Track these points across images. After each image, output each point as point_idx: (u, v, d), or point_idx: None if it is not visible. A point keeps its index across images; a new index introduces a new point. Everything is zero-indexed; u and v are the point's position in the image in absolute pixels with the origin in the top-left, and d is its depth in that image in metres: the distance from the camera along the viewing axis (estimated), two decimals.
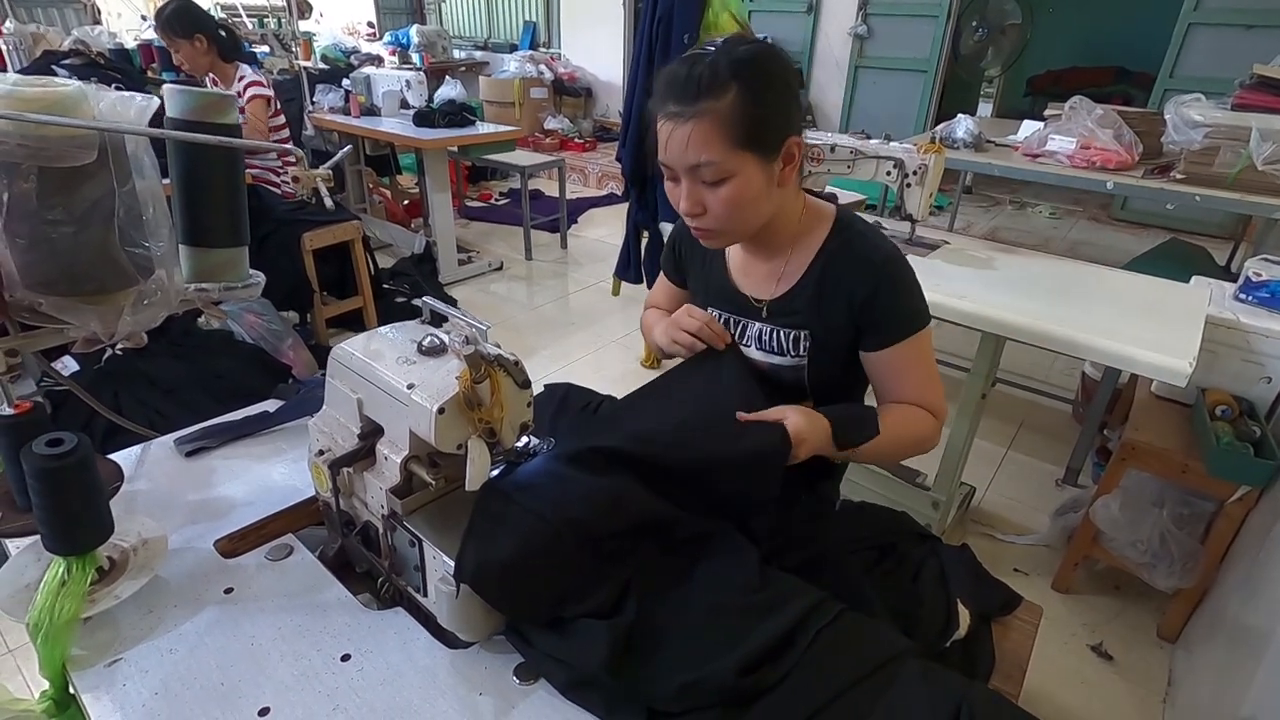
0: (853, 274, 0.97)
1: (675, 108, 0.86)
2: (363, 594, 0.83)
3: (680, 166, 0.89)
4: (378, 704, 0.66)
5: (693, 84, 0.84)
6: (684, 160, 0.87)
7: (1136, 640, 1.71)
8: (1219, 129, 2.34)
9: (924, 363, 1.01)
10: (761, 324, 1.05)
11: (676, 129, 0.86)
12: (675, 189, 0.93)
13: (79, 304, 0.82)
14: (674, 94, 0.86)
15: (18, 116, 0.70)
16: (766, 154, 0.88)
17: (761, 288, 1.05)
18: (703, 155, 0.85)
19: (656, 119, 0.90)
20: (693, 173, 0.88)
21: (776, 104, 0.87)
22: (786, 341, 1.03)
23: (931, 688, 0.66)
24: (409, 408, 0.71)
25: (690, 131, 0.85)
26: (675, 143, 0.87)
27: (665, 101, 0.87)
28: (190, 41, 2.69)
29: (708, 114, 0.84)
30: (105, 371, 2.06)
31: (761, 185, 0.90)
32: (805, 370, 1.03)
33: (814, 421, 0.89)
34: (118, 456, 1.01)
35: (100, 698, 0.66)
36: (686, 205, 0.91)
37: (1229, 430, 1.54)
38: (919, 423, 1.00)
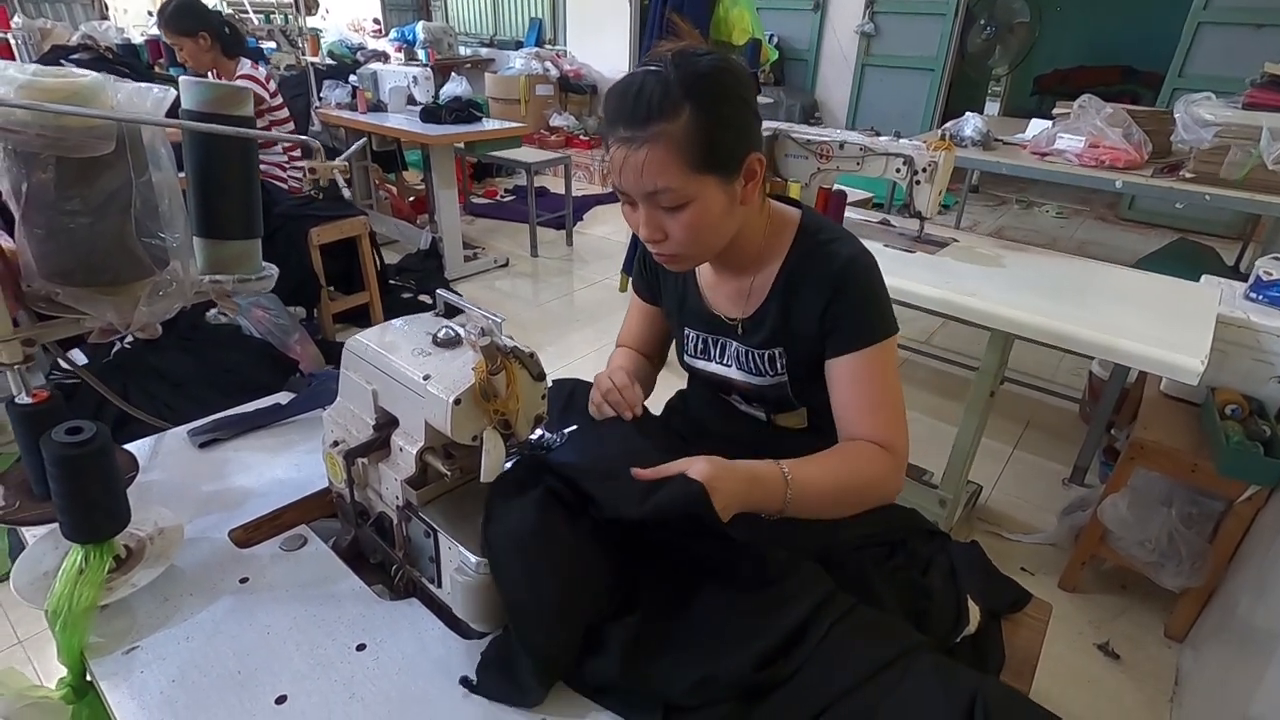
0: (814, 282, 0.92)
1: (626, 132, 0.79)
2: (376, 584, 0.83)
3: (636, 193, 0.83)
4: (393, 693, 0.67)
5: (643, 105, 0.77)
6: (639, 188, 0.81)
7: (1143, 639, 1.70)
8: (1229, 128, 2.33)
9: (883, 382, 0.90)
10: (738, 343, 1.01)
11: (630, 155, 0.79)
12: (633, 214, 0.87)
13: (95, 294, 0.82)
14: (623, 116, 0.79)
15: (37, 106, 0.70)
16: (727, 174, 0.83)
17: (732, 306, 1.01)
18: (659, 182, 0.79)
19: (606, 141, 0.83)
20: (650, 199, 0.83)
21: (734, 120, 0.81)
22: (763, 363, 0.99)
23: (946, 680, 0.66)
24: (424, 399, 0.71)
25: (644, 157, 0.78)
26: (629, 169, 0.80)
27: (615, 125, 0.80)
28: (194, 39, 2.70)
29: (661, 137, 0.77)
30: (113, 365, 2.07)
31: (723, 206, 0.84)
32: (787, 387, 1.00)
33: (730, 472, 0.75)
34: (132, 447, 1.01)
35: (118, 685, 0.66)
36: (646, 232, 0.86)
37: (1239, 429, 1.54)
38: (868, 463, 0.87)
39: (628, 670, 0.66)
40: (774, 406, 1.06)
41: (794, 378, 0.99)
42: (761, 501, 0.79)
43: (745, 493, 0.76)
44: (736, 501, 0.75)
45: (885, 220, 2.12)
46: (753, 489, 0.78)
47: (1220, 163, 2.34)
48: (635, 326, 1.19)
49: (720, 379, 1.07)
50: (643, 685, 0.66)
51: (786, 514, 0.81)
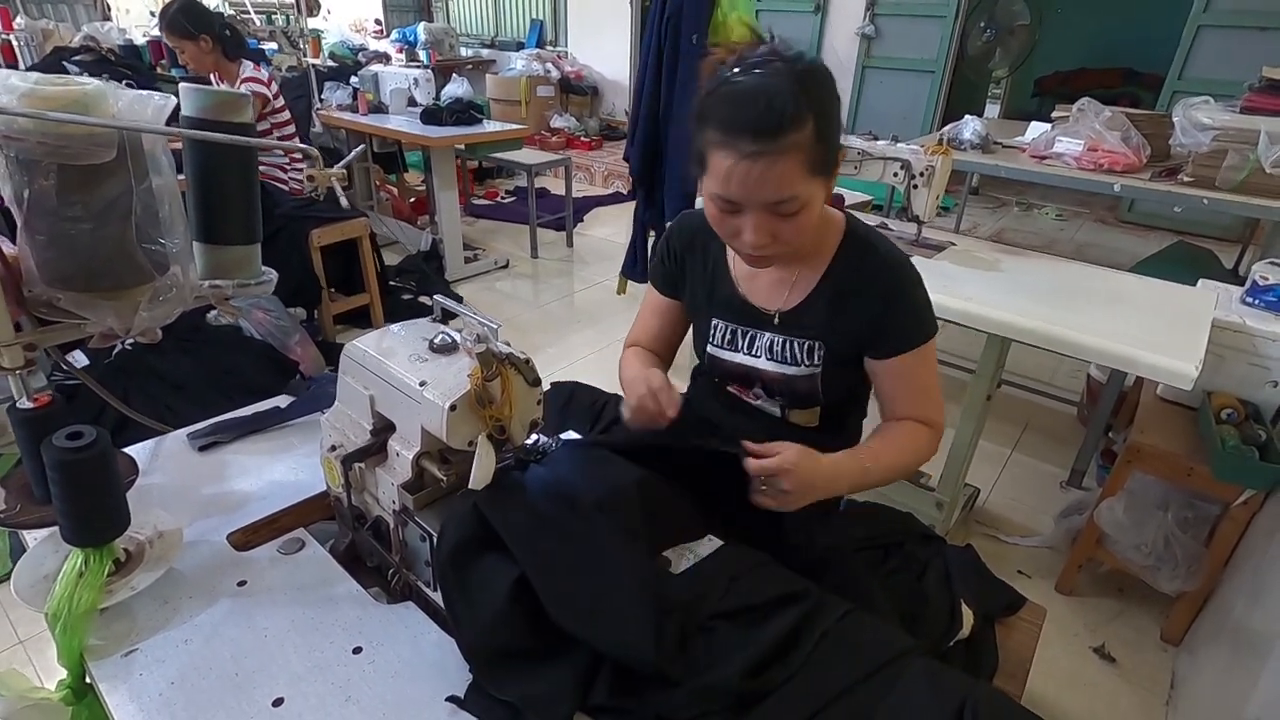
0: (868, 284, 0.96)
1: (754, 145, 0.78)
2: (373, 588, 0.84)
3: (756, 202, 0.83)
4: (389, 695, 0.67)
5: (774, 118, 0.77)
6: (761, 197, 0.82)
7: (1139, 643, 1.71)
8: (1227, 132, 2.34)
9: (927, 373, 1.00)
10: (773, 334, 1.03)
11: (754, 166, 0.79)
12: (731, 220, 0.87)
13: (96, 300, 0.83)
14: (750, 128, 0.78)
15: (39, 115, 0.71)
16: (830, 174, 0.86)
17: (771, 298, 1.03)
18: (785, 192, 0.81)
19: (716, 151, 0.82)
20: (770, 208, 0.83)
21: (838, 122, 0.84)
22: (800, 352, 1.02)
23: (936, 686, 0.67)
24: (421, 405, 0.72)
25: (775, 169, 0.79)
26: (753, 180, 0.80)
27: (738, 137, 0.79)
28: (195, 42, 2.71)
29: (792, 148, 0.78)
30: (115, 366, 2.08)
31: (821, 203, 0.88)
32: (819, 379, 1.02)
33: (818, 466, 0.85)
34: (132, 450, 1.02)
35: (117, 687, 0.67)
36: (756, 238, 0.85)
37: (1234, 434, 1.54)
38: (918, 442, 1.00)
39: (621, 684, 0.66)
40: (794, 400, 1.08)
41: (827, 370, 1.02)
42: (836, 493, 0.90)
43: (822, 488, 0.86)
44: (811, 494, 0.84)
45: (883, 224, 2.12)
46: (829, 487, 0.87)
47: (1218, 166, 2.35)
48: (651, 322, 1.17)
49: (744, 370, 1.08)
50: (636, 699, 0.66)
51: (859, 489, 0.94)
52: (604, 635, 0.66)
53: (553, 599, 0.68)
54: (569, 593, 0.68)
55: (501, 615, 0.67)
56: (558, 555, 0.71)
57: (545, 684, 0.65)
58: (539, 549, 0.70)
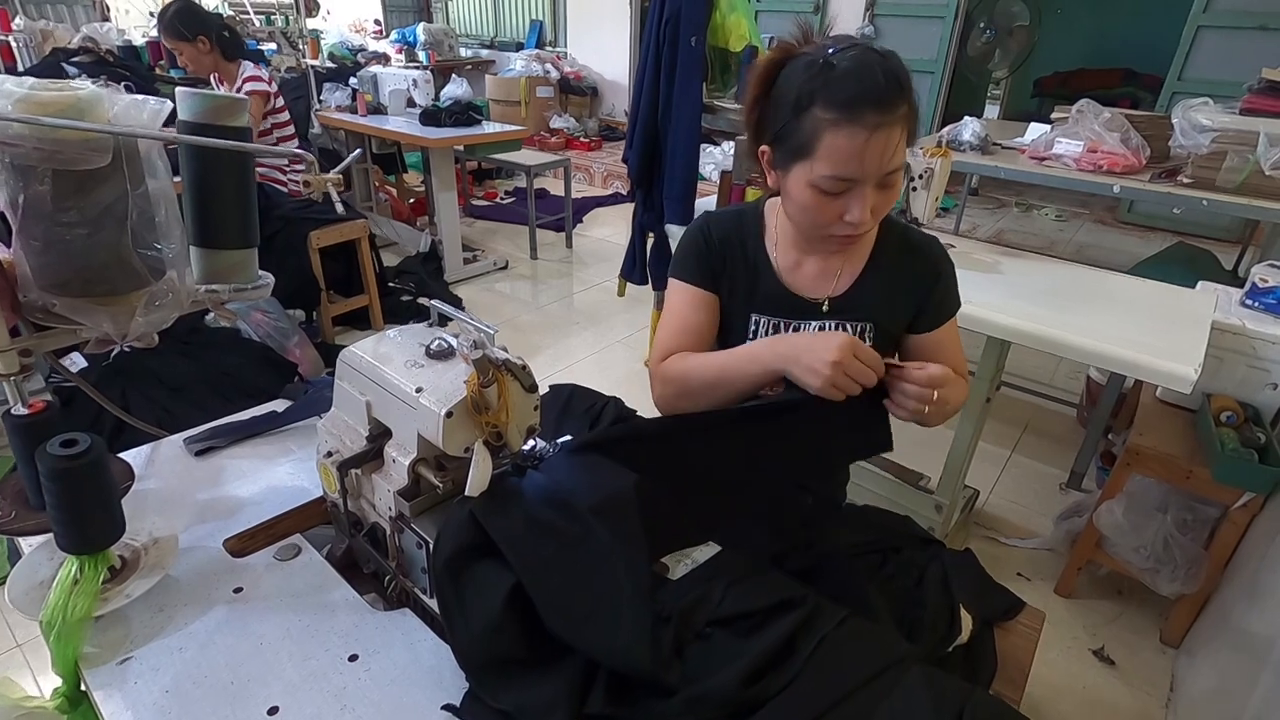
0: (918, 265, 1.04)
1: (878, 115, 0.81)
2: (369, 594, 0.84)
3: (875, 175, 0.85)
4: (385, 704, 0.67)
5: (893, 89, 0.82)
6: (882, 168, 0.85)
7: (1139, 645, 1.71)
8: (1226, 133, 2.33)
9: (958, 339, 1.10)
10: (820, 321, 1.04)
11: (875, 137, 0.82)
12: (834, 202, 0.88)
13: (92, 305, 0.83)
14: (872, 100, 0.81)
15: (34, 120, 0.71)
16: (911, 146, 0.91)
17: (817, 287, 1.05)
18: (899, 160, 0.86)
19: (827, 132, 0.83)
20: (884, 179, 0.87)
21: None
22: (852, 333, 1.04)
23: (934, 693, 0.66)
24: (417, 411, 0.72)
25: (894, 138, 0.84)
26: (876, 151, 0.83)
27: (863, 111, 0.81)
28: (193, 44, 2.70)
29: (903, 119, 0.84)
30: (113, 369, 2.08)
31: None
32: None
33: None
34: (128, 455, 1.01)
35: (112, 695, 0.67)
36: (863, 215, 0.87)
37: (1234, 436, 1.54)
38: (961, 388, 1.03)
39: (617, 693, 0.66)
40: None
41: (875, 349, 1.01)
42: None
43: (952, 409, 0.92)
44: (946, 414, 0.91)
45: None
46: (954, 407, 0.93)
47: (1218, 168, 2.34)
48: (692, 319, 1.06)
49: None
50: (632, 708, 0.66)
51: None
52: (599, 643, 0.66)
53: (548, 606, 0.67)
54: (565, 600, 0.68)
55: (497, 623, 0.67)
56: (553, 562, 0.70)
57: (541, 693, 0.65)
58: (535, 556, 0.70)
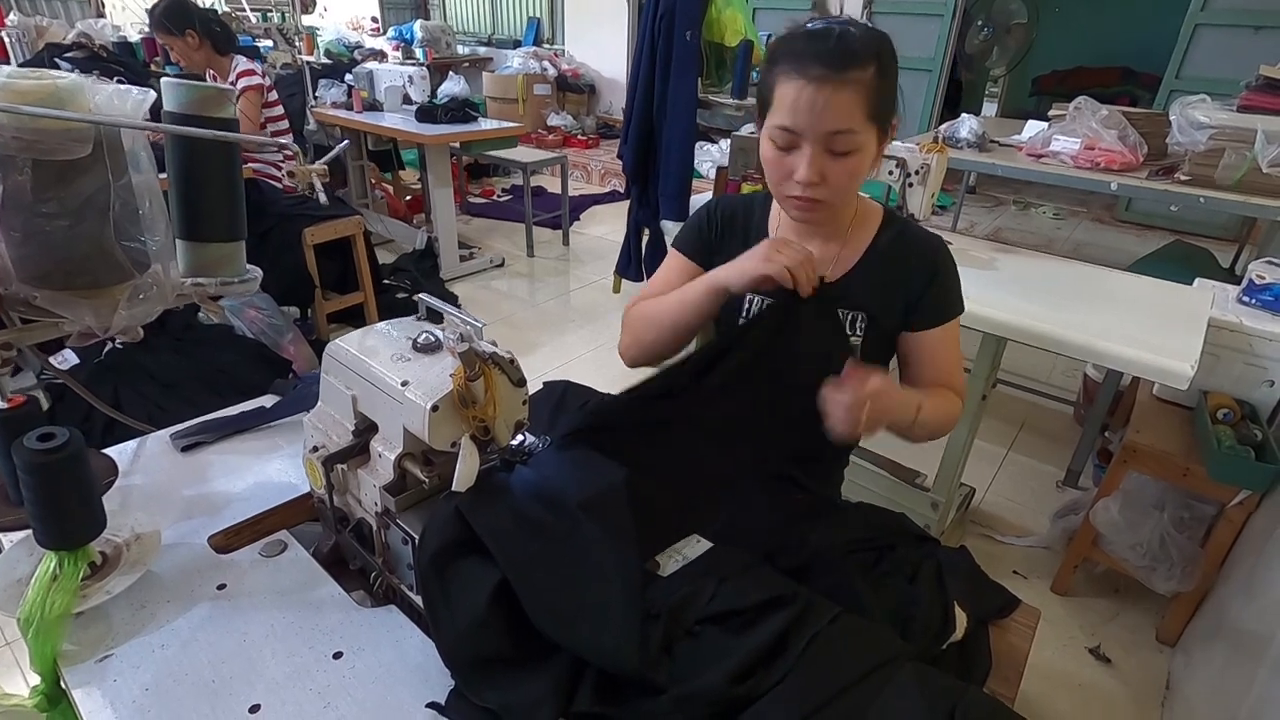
0: (914, 259, 1.02)
1: (820, 70, 0.83)
2: (356, 591, 0.82)
3: (815, 131, 0.86)
4: (369, 702, 0.66)
5: (842, 51, 0.84)
6: (821, 125, 0.85)
7: (1135, 643, 1.70)
8: (1224, 131, 2.33)
9: (956, 348, 1.06)
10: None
11: (819, 92, 0.84)
12: (785, 158, 0.90)
13: (74, 298, 0.82)
14: (820, 58, 0.84)
15: (12, 109, 0.70)
16: (883, 131, 0.91)
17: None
18: (844, 123, 0.85)
19: (782, 80, 0.87)
20: (825, 140, 0.87)
21: (895, 84, 0.90)
22: (844, 321, 1.04)
23: (926, 692, 0.66)
24: (403, 405, 0.71)
25: (839, 97, 0.84)
26: (817, 106, 0.84)
27: (805, 64, 0.84)
28: (182, 38, 2.69)
29: (855, 83, 0.84)
30: (105, 365, 2.06)
31: (871, 159, 0.92)
32: (858, 350, 1.04)
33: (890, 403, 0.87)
34: (113, 451, 1.00)
35: (91, 693, 0.66)
36: (808, 173, 0.88)
37: (1230, 434, 1.54)
38: (953, 406, 1.04)
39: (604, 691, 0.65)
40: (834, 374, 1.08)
41: (866, 340, 1.04)
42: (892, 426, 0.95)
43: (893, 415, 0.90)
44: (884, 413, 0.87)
45: None
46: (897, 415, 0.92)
47: (1215, 165, 2.34)
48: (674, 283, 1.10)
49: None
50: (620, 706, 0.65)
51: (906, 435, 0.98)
52: (586, 641, 0.65)
53: (535, 604, 0.66)
54: (552, 597, 0.67)
55: (482, 620, 0.66)
56: (540, 559, 0.69)
57: (527, 691, 0.64)
58: (521, 552, 0.69)
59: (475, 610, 0.66)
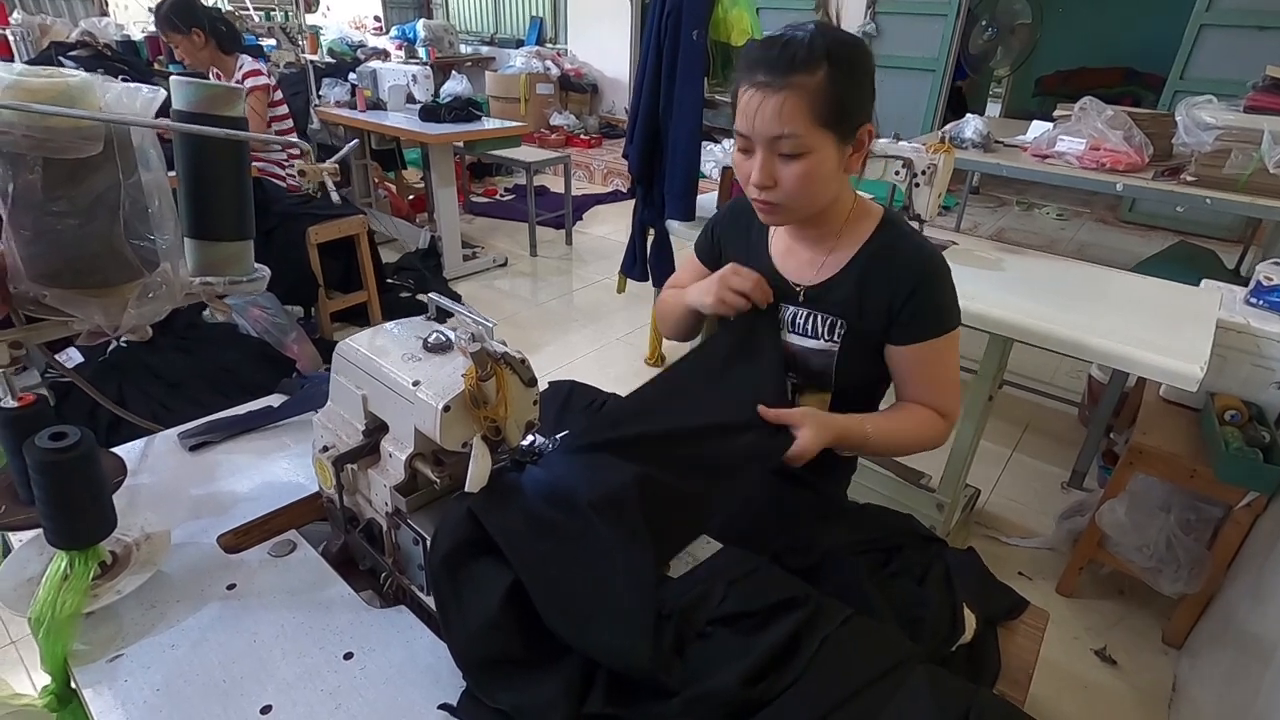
0: (896, 270, 0.99)
1: (765, 77, 0.86)
2: (365, 591, 0.82)
3: (761, 136, 0.89)
4: (380, 703, 0.66)
5: (786, 57, 0.85)
6: (766, 130, 0.88)
7: (1141, 646, 1.70)
8: (1230, 131, 2.32)
9: (946, 364, 1.02)
10: (797, 308, 1.06)
11: (766, 99, 0.86)
12: (745, 161, 0.93)
13: (83, 297, 0.82)
14: (765, 65, 0.86)
15: (23, 107, 0.69)
16: (843, 136, 0.90)
17: (803, 273, 1.06)
18: (786, 127, 0.86)
19: (740, 88, 0.91)
20: (772, 144, 0.89)
21: (860, 89, 0.90)
22: (822, 326, 1.04)
23: (939, 694, 0.65)
24: (414, 405, 0.70)
25: (780, 102, 0.85)
26: (762, 112, 0.87)
27: (754, 71, 0.88)
28: (188, 36, 2.69)
29: (797, 87, 0.85)
30: (109, 364, 2.06)
31: (832, 166, 0.91)
32: (835, 356, 1.04)
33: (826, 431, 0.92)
34: (121, 450, 1.00)
35: (102, 693, 0.66)
36: (759, 176, 0.91)
37: (1238, 435, 1.53)
38: (927, 426, 1.01)
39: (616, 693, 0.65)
40: (809, 379, 1.08)
41: (844, 349, 1.03)
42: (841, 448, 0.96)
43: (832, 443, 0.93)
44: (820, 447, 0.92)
45: None
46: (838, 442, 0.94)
47: (1221, 166, 2.33)
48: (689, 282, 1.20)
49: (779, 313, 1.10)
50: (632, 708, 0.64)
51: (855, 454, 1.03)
52: (598, 642, 0.65)
53: (547, 605, 0.66)
54: (564, 598, 0.67)
55: (494, 621, 0.65)
56: (553, 558, 0.69)
57: (539, 692, 0.63)
58: (533, 553, 0.69)
59: (487, 611, 0.66)
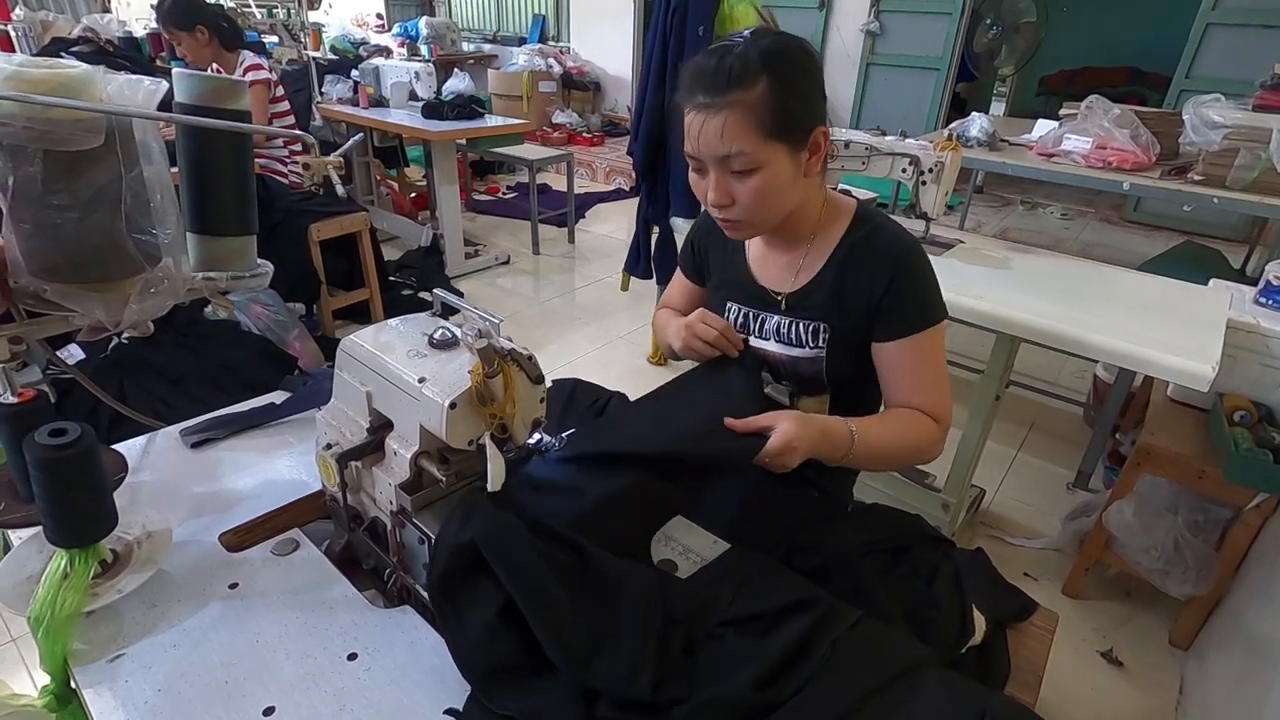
0: (871, 266, 0.96)
1: (705, 98, 0.85)
2: (369, 590, 0.81)
3: (709, 157, 0.88)
4: (385, 705, 0.65)
5: (723, 74, 0.83)
6: (714, 151, 0.86)
7: (1147, 647, 1.69)
8: (1238, 130, 2.30)
9: (933, 361, 0.98)
10: (780, 317, 1.04)
11: (708, 120, 0.85)
12: (701, 181, 0.92)
13: (84, 291, 0.81)
14: (703, 85, 0.85)
15: (23, 98, 0.68)
16: (795, 144, 0.88)
17: (781, 280, 1.04)
18: (733, 146, 0.85)
19: (684, 110, 0.89)
20: (722, 163, 0.87)
21: (805, 94, 0.87)
22: (805, 334, 1.02)
23: (954, 698, 0.64)
24: (420, 402, 0.69)
25: (722, 122, 0.84)
26: (706, 134, 0.86)
27: (694, 92, 0.86)
28: (191, 34, 2.68)
29: (738, 104, 0.83)
30: (111, 360, 2.05)
31: (789, 176, 0.89)
32: (824, 362, 1.02)
33: (808, 427, 0.86)
34: (122, 447, 0.99)
35: (102, 693, 0.64)
36: (714, 196, 0.90)
37: (1248, 436, 1.52)
38: (919, 429, 0.96)
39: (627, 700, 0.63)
40: (803, 385, 1.07)
41: (832, 353, 1.01)
42: (827, 454, 0.89)
43: (816, 446, 0.86)
44: (808, 452, 0.86)
45: None
46: (823, 444, 0.87)
47: (1229, 165, 2.31)
48: (679, 302, 1.23)
49: (755, 354, 1.08)
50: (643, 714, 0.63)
51: (845, 465, 0.92)
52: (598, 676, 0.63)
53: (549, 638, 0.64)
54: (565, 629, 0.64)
55: (496, 632, 0.64)
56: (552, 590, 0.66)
57: (548, 698, 0.62)
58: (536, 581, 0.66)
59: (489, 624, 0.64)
